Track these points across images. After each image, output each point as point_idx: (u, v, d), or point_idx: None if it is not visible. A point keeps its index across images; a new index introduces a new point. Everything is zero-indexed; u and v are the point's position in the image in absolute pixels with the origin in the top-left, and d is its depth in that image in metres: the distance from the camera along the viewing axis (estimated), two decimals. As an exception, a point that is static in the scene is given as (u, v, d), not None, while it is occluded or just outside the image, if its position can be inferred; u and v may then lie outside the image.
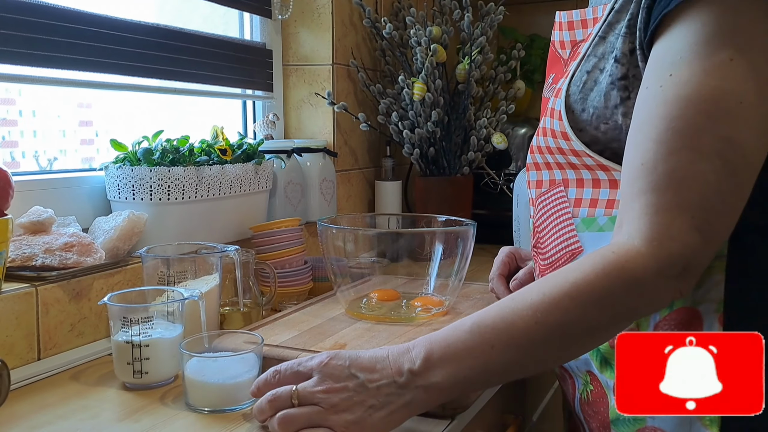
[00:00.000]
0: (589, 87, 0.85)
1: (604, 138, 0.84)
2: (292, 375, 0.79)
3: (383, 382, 0.75)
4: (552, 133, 0.89)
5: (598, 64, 0.85)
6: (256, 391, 0.82)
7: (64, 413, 0.87)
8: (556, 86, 0.95)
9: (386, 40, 1.84)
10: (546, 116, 0.91)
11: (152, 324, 0.94)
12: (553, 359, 0.80)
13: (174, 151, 1.27)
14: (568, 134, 0.86)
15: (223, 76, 1.59)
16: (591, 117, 0.84)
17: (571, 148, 0.87)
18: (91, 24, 1.24)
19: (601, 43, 0.85)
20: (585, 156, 0.86)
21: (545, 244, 0.97)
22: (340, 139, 1.82)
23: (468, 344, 0.75)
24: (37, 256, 1.05)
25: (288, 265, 1.36)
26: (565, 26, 0.97)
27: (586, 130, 0.85)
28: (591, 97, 0.85)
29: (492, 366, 0.75)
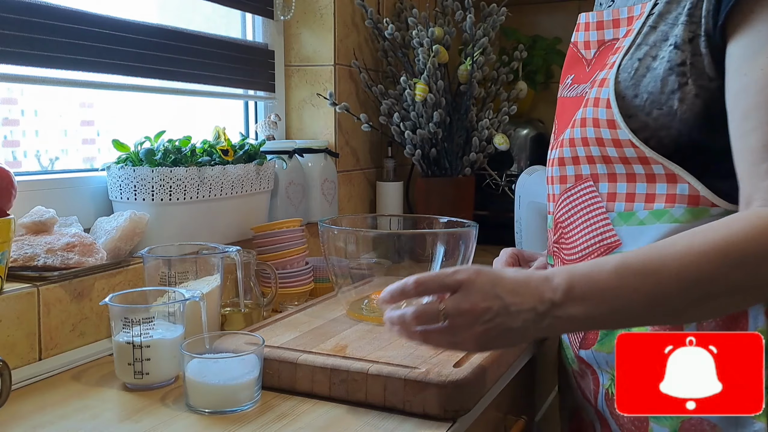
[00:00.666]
0: (641, 73, 0.87)
1: (654, 125, 0.86)
2: (437, 287, 0.78)
3: (525, 307, 0.74)
4: (594, 122, 0.90)
5: (650, 52, 0.87)
6: (389, 298, 0.80)
7: (65, 413, 0.87)
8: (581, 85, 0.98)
9: (388, 40, 1.84)
10: (587, 107, 0.92)
11: (153, 325, 0.94)
12: (688, 314, 0.79)
13: (176, 151, 1.27)
14: (616, 122, 0.87)
15: (225, 77, 1.59)
16: (644, 102, 0.86)
17: (614, 137, 0.88)
18: (92, 24, 1.25)
19: (652, 33, 0.88)
20: (628, 146, 0.87)
21: (573, 239, 0.97)
22: (342, 139, 1.82)
23: (611, 284, 0.74)
24: (39, 256, 1.05)
25: (289, 265, 1.36)
26: (593, 26, 1.00)
27: (637, 116, 0.87)
28: (644, 83, 0.86)
29: (631, 310, 0.75)
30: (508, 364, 1.03)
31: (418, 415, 0.86)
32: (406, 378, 0.87)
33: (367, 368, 0.90)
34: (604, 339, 0.95)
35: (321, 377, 0.92)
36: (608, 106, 0.88)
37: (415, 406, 0.86)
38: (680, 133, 0.85)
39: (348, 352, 0.96)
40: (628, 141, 0.87)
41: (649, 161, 0.87)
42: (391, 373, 0.88)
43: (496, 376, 0.97)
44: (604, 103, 0.89)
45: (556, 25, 2.37)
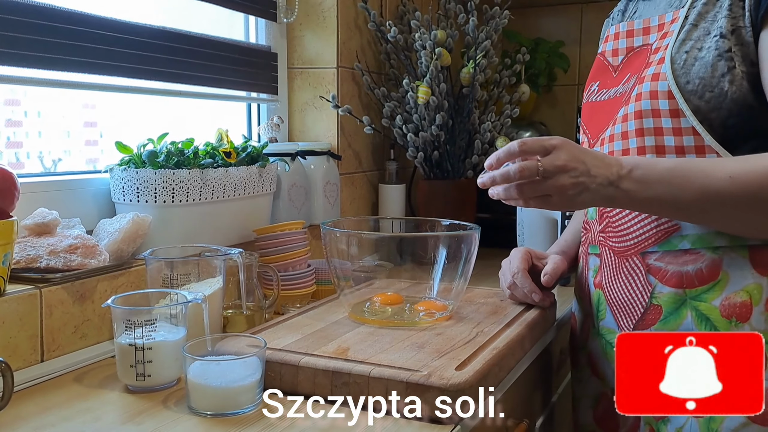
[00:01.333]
0: (690, 63, 0.97)
1: (706, 107, 0.95)
2: (539, 148, 0.93)
3: (602, 172, 0.92)
4: (654, 113, 0.99)
5: (695, 45, 0.98)
6: (496, 161, 0.97)
7: (67, 415, 0.87)
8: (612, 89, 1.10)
9: (391, 43, 1.84)
10: (640, 101, 1.00)
11: (155, 326, 0.94)
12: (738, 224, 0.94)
13: (179, 153, 1.27)
14: (680, 110, 0.97)
15: (228, 79, 1.59)
16: (697, 87, 0.96)
17: (675, 126, 0.97)
18: (96, 26, 1.25)
19: (694, 30, 0.99)
20: (688, 134, 0.96)
21: (624, 227, 1.05)
22: (344, 142, 1.82)
23: (669, 171, 0.91)
24: (42, 257, 1.05)
25: (291, 268, 1.36)
26: (623, 35, 1.12)
27: (690, 100, 0.96)
28: (694, 71, 0.96)
29: (679, 202, 0.92)
30: (510, 368, 1.03)
31: (420, 419, 0.86)
32: (408, 381, 0.87)
33: (369, 371, 0.90)
34: (668, 317, 1.00)
35: (323, 380, 0.92)
36: (670, 96, 0.97)
37: (416, 409, 0.86)
38: (730, 113, 0.95)
39: (350, 354, 0.96)
40: (690, 129, 0.96)
41: (705, 150, 0.96)
42: (392, 375, 0.88)
43: (497, 379, 0.97)
44: (664, 95, 0.98)
45: (558, 28, 2.37)
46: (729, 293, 0.96)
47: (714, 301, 0.97)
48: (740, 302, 0.95)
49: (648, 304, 1.03)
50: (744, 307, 0.95)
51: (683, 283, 0.99)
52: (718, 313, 0.96)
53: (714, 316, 0.97)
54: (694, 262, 0.98)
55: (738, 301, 0.95)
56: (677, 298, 1.00)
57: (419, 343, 1.01)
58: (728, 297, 0.96)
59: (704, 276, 0.98)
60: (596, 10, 2.31)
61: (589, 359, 1.18)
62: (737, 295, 0.96)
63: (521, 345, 1.08)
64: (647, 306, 1.03)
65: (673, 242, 1.00)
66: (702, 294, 0.98)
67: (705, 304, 0.97)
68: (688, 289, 0.99)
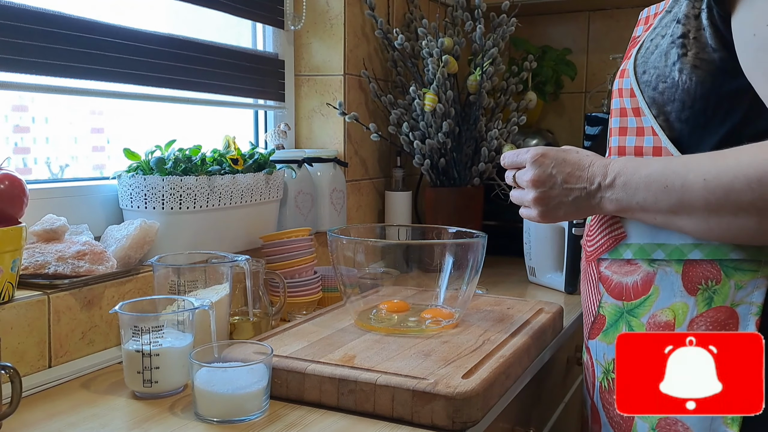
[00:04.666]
0: (650, 52, 0.93)
1: (661, 99, 0.91)
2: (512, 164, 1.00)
3: (577, 186, 0.92)
4: (621, 112, 0.96)
5: (660, 32, 0.93)
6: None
7: (75, 421, 0.87)
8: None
9: (398, 50, 1.84)
10: (613, 98, 0.98)
11: (162, 333, 0.95)
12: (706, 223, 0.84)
13: (186, 160, 1.28)
14: (641, 110, 0.93)
15: (235, 86, 1.60)
16: (651, 77, 0.91)
17: (639, 126, 0.93)
18: (104, 34, 1.25)
19: (666, 16, 0.93)
20: (649, 134, 0.92)
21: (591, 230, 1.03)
22: (351, 149, 1.82)
23: (649, 178, 0.86)
24: (50, 263, 1.06)
25: (298, 275, 1.37)
26: (643, 21, 1.04)
27: (646, 92, 0.92)
28: (651, 60, 0.92)
29: (659, 207, 0.85)
30: (516, 376, 1.03)
31: (426, 427, 0.86)
32: (415, 389, 0.87)
33: (375, 379, 0.90)
34: (608, 329, 0.97)
35: (329, 387, 0.92)
36: (632, 95, 0.93)
37: (423, 417, 0.86)
38: (683, 106, 0.89)
39: (356, 362, 0.96)
40: (650, 128, 0.91)
41: (661, 152, 0.91)
42: (399, 383, 0.88)
43: (504, 387, 0.97)
44: (627, 93, 0.94)
45: (565, 36, 2.37)
46: (656, 310, 0.91)
47: (643, 318, 0.92)
48: (664, 322, 0.90)
49: (597, 313, 1.00)
50: (667, 327, 0.89)
51: (623, 295, 0.95)
52: (643, 330, 0.91)
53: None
54: (632, 274, 0.94)
55: (662, 320, 0.90)
56: (617, 310, 0.96)
57: (426, 351, 1.01)
58: (654, 314, 0.91)
59: (639, 289, 0.93)
60: (603, 17, 2.31)
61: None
62: (663, 313, 0.90)
63: (528, 353, 1.08)
64: (596, 315, 1.00)
65: (619, 251, 0.95)
66: (635, 308, 0.93)
67: (636, 320, 0.93)
68: (626, 301, 0.95)
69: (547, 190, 0.93)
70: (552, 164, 0.93)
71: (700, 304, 0.87)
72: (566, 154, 0.94)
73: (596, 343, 1.00)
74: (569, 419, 1.47)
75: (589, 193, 0.91)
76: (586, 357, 1.04)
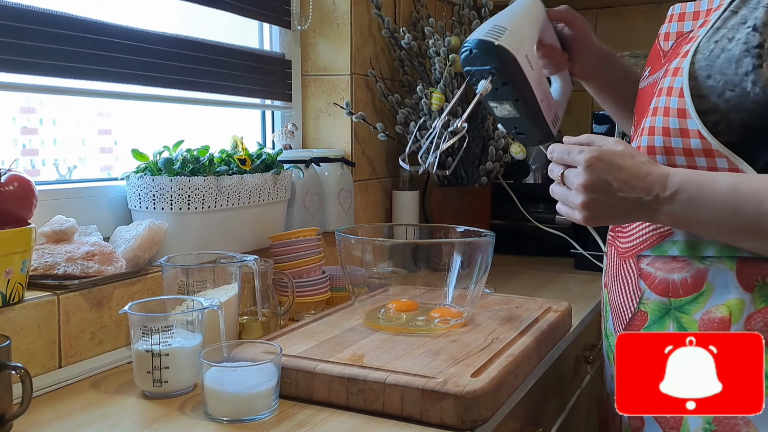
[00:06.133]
0: (716, 54, 0.88)
1: (725, 107, 0.87)
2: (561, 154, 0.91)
3: (631, 196, 0.86)
4: (665, 111, 0.91)
5: (726, 34, 0.88)
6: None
7: (85, 421, 0.88)
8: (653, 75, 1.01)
9: (404, 50, 1.84)
10: (659, 96, 0.93)
11: (172, 333, 0.95)
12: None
13: (194, 161, 1.28)
14: (687, 111, 0.88)
15: (243, 87, 1.60)
16: (718, 83, 0.87)
17: (682, 127, 0.89)
18: (112, 35, 1.26)
19: (732, 17, 0.89)
20: (695, 137, 0.88)
21: (629, 226, 1.01)
22: (358, 148, 1.82)
23: (716, 199, 0.83)
24: (59, 264, 1.06)
25: (306, 274, 1.37)
26: (677, 18, 1.01)
27: (708, 97, 0.88)
28: (718, 64, 0.87)
29: (722, 228, 0.85)
30: (525, 375, 1.03)
31: (436, 425, 0.86)
32: (424, 388, 0.87)
33: (384, 378, 0.90)
34: (652, 326, 0.96)
35: (338, 386, 0.92)
36: (681, 95, 0.89)
37: (432, 416, 0.86)
38: (751, 114, 0.85)
39: (365, 361, 0.96)
40: (696, 131, 0.88)
41: (713, 154, 0.87)
42: (408, 382, 0.88)
43: (513, 386, 0.97)
44: (676, 92, 0.90)
45: (572, 34, 2.36)
46: (710, 307, 0.90)
47: (695, 314, 0.91)
48: (719, 318, 0.89)
49: (636, 309, 0.99)
50: (722, 324, 0.89)
51: (669, 292, 0.94)
52: (696, 328, 0.90)
53: (692, 330, 0.90)
54: (680, 270, 0.93)
55: (717, 316, 0.89)
56: (662, 306, 0.95)
57: (434, 350, 1.01)
58: (708, 311, 0.90)
59: (689, 286, 0.92)
60: (611, 15, 2.30)
61: (599, 359, 1.17)
62: (717, 309, 0.89)
63: (537, 352, 1.07)
64: (635, 311, 0.99)
65: (664, 247, 0.95)
66: (685, 305, 0.92)
67: (687, 317, 0.92)
68: (673, 298, 0.93)
69: (599, 197, 0.87)
70: (607, 170, 0.87)
71: (758, 300, 0.87)
72: (622, 160, 0.88)
73: None
74: (578, 418, 1.47)
75: (644, 203, 0.86)
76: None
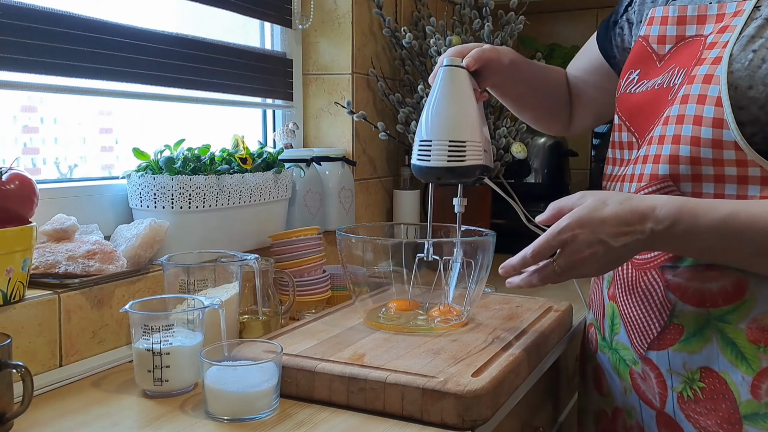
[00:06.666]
0: (756, 65, 0.86)
1: (766, 119, 0.85)
2: (549, 251, 0.90)
3: (628, 240, 0.86)
4: (696, 120, 0.89)
5: (765, 44, 0.86)
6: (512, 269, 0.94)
7: (85, 420, 0.88)
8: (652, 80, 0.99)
9: (406, 49, 1.84)
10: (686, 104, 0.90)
11: (173, 332, 0.95)
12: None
13: (195, 159, 1.28)
14: (725, 122, 0.86)
15: (244, 86, 1.60)
16: (760, 94, 0.85)
17: (716, 138, 0.87)
18: (113, 33, 1.26)
19: (767, 25, 0.87)
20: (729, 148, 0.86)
21: None
22: (359, 148, 1.82)
23: (717, 227, 0.84)
24: (60, 263, 1.06)
25: (307, 273, 1.37)
26: (672, 21, 0.99)
27: (749, 108, 0.86)
28: (760, 75, 0.85)
29: (727, 254, 0.86)
30: (526, 374, 1.03)
31: (436, 425, 0.86)
32: (424, 387, 0.87)
33: (384, 377, 0.90)
34: (691, 338, 0.94)
35: (339, 386, 0.92)
36: (718, 104, 0.87)
37: (432, 415, 0.86)
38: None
39: (366, 360, 0.96)
40: (732, 143, 0.86)
41: (747, 164, 0.86)
42: (408, 382, 0.88)
43: (513, 386, 0.97)
44: (712, 101, 0.88)
45: (573, 34, 2.37)
46: (756, 315, 0.88)
47: (740, 324, 0.89)
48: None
49: (666, 323, 0.96)
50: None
51: (706, 302, 0.91)
52: (744, 338, 0.89)
53: (740, 341, 0.89)
54: (717, 280, 0.90)
55: (766, 323, 0.87)
56: (700, 318, 0.92)
57: (435, 350, 1.01)
58: (756, 319, 0.88)
59: (729, 294, 0.90)
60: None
61: (594, 372, 1.14)
62: (766, 317, 0.87)
63: (537, 351, 1.07)
64: (665, 325, 0.96)
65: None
66: (726, 315, 0.90)
67: (730, 326, 0.90)
68: (712, 308, 0.91)
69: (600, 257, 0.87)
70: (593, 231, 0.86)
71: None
72: (599, 213, 0.87)
73: (670, 354, 0.96)
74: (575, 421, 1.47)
75: (643, 241, 0.86)
76: (641, 367, 1.01)
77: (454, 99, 1.04)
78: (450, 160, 1.01)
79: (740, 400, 0.90)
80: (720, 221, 0.84)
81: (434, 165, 1.02)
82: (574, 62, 1.33)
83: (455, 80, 1.04)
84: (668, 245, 0.88)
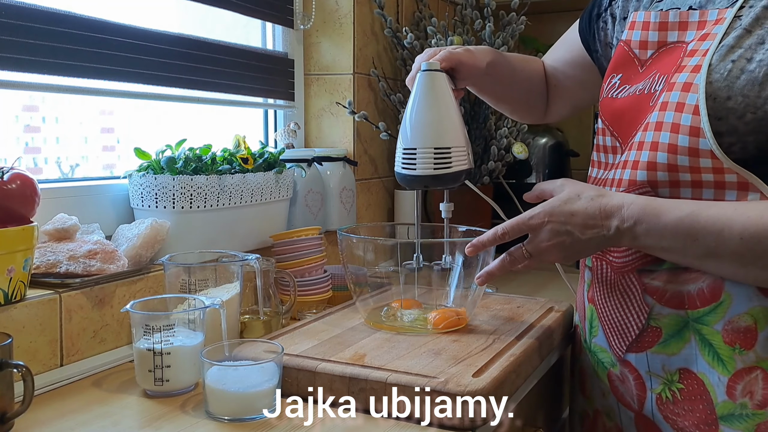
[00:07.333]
0: (735, 75, 0.85)
1: (744, 129, 0.84)
2: (518, 233, 0.97)
3: (593, 234, 0.92)
4: (673, 127, 0.89)
5: (745, 54, 0.86)
6: (480, 245, 1.02)
7: (86, 420, 0.88)
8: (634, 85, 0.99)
9: (407, 49, 1.84)
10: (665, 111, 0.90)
11: (174, 332, 0.95)
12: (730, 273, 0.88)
13: (196, 159, 1.28)
14: (701, 130, 0.86)
15: (245, 86, 1.60)
16: (738, 105, 0.85)
17: (692, 146, 0.87)
18: (115, 33, 1.26)
19: (747, 36, 0.87)
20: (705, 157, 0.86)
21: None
22: (360, 148, 1.82)
23: (676, 228, 0.87)
24: (62, 263, 1.06)
25: (308, 273, 1.37)
26: (654, 26, 0.98)
27: (727, 118, 0.85)
28: (738, 85, 0.85)
29: (686, 254, 0.89)
30: (526, 375, 1.03)
31: (437, 425, 0.86)
32: (425, 388, 0.87)
33: (385, 377, 0.90)
34: (669, 340, 0.94)
35: (340, 386, 0.92)
36: (695, 112, 0.87)
37: (433, 415, 0.86)
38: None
39: (367, 360, 0.96)
40: (708, 151, 0.86)
41: (723, 171, 0.86)
42: (409, 382, 0.88)
43: (514, 386, 0.97)
44: (690, 109, 0.87)
45: (575, 34, 2.36)
46: (732, 316, 0.88)
47: (716, 325, 0.89)
48: (744, 327, 0.87)
49: (644, 325, 0.96)
50: (748, 332, 0.87)
51: (684, 304, 0.92)
52: (720, 339, 0.89)
53: (716, 341, 0.89)
54: (694, 282, 0.91)
55: (742, 325, 0.88)
56: (679, 320, 0.93)
57: (436, 350, 1.01)
58: (731, 321, 0.88)
59: (706, 296, 0.90)
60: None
61: (579, 373, 1.15)
62: (741, 318, 0.88)
63: (538, 352, 1.07)
64: (643, 327, 0.96)
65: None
66: (704, 316, 0.90)
67: (707, 328, 0.90)
68: (690, 310, 0.91)
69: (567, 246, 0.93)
70: (563, 222, 0.93)
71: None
72: (571, 205, 0.93)
73: (649, 356, 0.96)
74: (579, 418, 1.47)
75: (607, 237, 0.92)
76: (619, 369, 1.01)
77: (435, 104, 1.03)
78: (437, 167, 1.01)
79: (716, 401, 0.90)
80: (679, 221, 0.87)
81: (420, 174, 1.02)
82: (553, 53, 1.31)
83: (435, 84, 1.04)
84: (632, 243, 0.91)
